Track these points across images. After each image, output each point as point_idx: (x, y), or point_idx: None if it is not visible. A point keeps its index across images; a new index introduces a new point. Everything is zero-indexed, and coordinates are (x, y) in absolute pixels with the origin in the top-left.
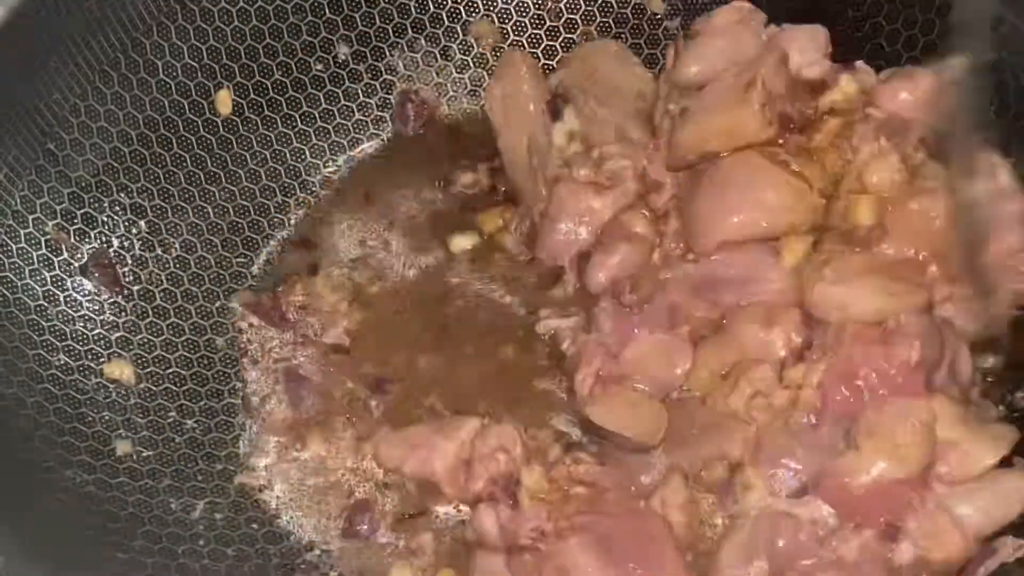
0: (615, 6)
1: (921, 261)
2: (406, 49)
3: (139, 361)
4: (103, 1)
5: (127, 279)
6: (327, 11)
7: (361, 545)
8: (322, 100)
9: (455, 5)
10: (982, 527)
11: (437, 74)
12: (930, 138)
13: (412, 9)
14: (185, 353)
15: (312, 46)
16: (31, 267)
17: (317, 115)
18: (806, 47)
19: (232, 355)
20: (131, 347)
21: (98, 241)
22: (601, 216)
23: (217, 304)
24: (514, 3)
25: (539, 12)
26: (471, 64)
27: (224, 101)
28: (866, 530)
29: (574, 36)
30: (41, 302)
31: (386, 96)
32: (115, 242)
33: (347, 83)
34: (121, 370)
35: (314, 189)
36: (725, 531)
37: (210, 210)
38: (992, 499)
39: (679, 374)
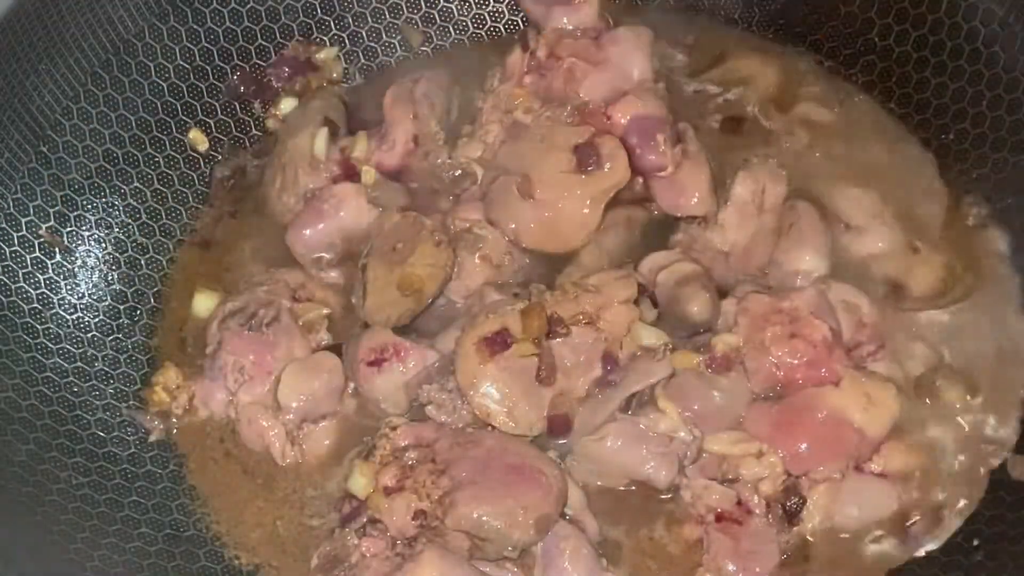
0: None
1: None
2: None
3: (134, 362)
4: (94, 4)
5: (122, 281)
6: (319, 12)
7: None
8: None
9: None
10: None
11: None
12: None
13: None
14: None
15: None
16: (25, 270)
17: None
18: None
19: None
20: (126, 349)
21: (92, 243)
22: None
23: None
24: None
25: None
26: None
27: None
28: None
29: None
30: (35, 305)
31: None
32: (109, 244)
33: None
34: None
35: None
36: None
37: None
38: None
39: None
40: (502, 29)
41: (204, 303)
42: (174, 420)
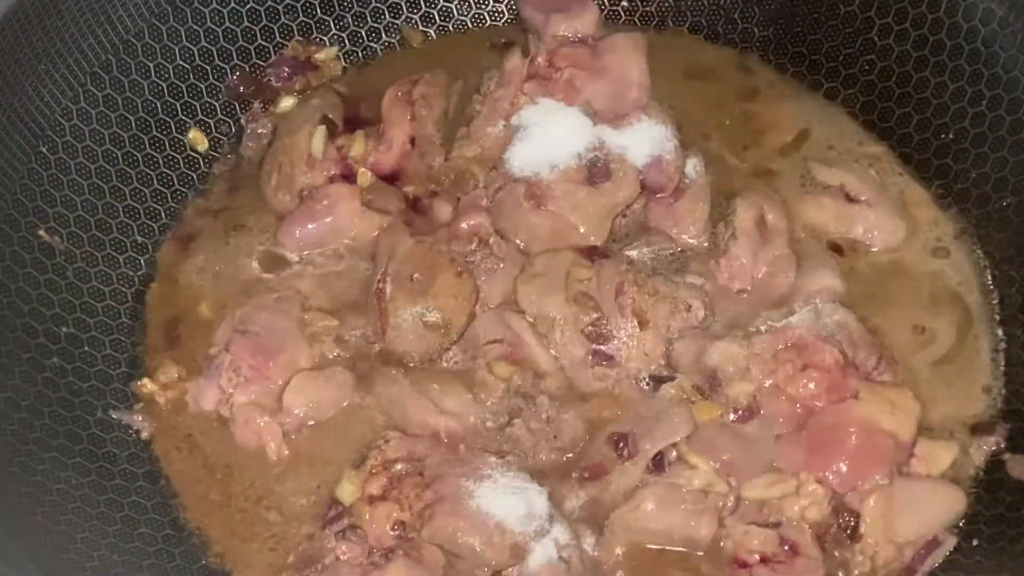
0: None
1: None
2: None
3: (134, 362)
4: (94, 4)
5: (121, 281)
6: (318, 12)
7: None
8: None
9: None
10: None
11: None
12: None
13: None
14: None
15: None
16: (25, 270)
17: None
18: None
19: None
20: (126, 349)
21: (91, 244)
22: None
23: None
24: None
25: None
26: None
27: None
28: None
29: None
30: (35, 305)
31: None
32: (108, 244)
33: None
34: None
35: None
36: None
37: None
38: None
39: None
40: (502, 30)
41: (208, 306)
42: (165, 417)
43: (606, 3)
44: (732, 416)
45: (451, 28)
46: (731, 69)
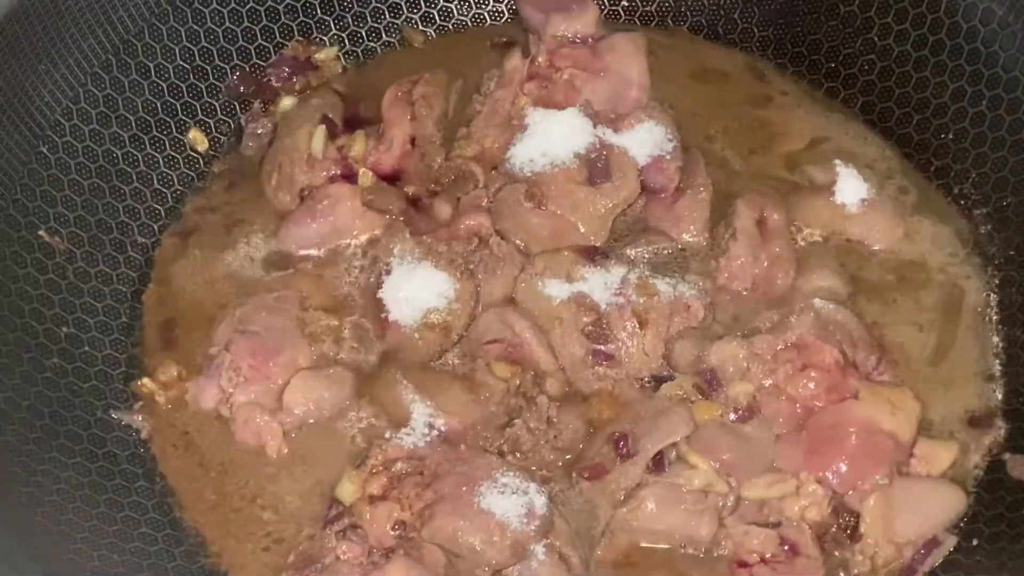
0: None
1: None
2: None
3: (134, 362)
4: (94, 4)
5: (121, 281)
6: (318, 12)
7: None
8: None
9: None
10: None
11: None
12: None
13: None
14: None
15: None
16: (25, 270)
17: None
18: None
19: None
20: (125, 349)
21: (91, 244)
22: None
23: None
24: None
25: None
26: None
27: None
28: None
29: None
30: (35, 305)
31: None
32: (108, 244)
33: None
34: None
35: None
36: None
37: None
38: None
39: None
40: (502, 29)
41: (207, 305)
42: (163, 415)
43: (606, 3)
44: (732, 416)
45: (451, 28)
46: (738, 72)
